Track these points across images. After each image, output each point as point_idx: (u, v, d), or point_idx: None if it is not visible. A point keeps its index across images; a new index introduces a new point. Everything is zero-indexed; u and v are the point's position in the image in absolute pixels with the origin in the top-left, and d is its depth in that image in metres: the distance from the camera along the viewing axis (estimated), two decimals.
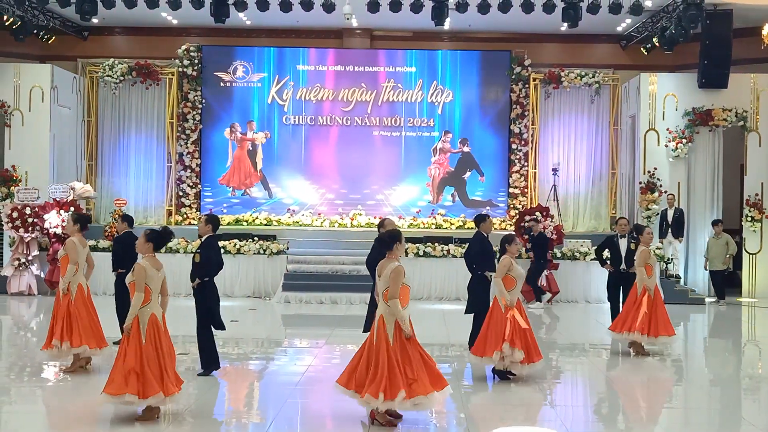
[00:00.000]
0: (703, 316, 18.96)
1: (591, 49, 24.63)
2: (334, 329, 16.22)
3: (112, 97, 24.27)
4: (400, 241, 9.30)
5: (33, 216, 19.74)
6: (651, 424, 10.17)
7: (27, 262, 19.93)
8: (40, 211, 19.82)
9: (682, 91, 21.84)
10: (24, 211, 19.75)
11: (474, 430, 9.55)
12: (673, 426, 10.15)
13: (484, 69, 24.40)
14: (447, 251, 20.25)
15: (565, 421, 9.76)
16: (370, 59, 24.54)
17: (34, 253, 20.05)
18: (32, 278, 20.01)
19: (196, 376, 11.52)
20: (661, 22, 21.35)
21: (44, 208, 19.89)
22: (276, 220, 23.84)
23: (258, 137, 24.37)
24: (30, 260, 19.97)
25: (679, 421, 10.39)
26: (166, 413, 9.54)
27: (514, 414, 10.21)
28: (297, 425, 9.86)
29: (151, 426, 9.05)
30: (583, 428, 9.91)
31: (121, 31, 24.58)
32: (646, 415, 10.50)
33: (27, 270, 19.93)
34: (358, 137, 24.40)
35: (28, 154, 21.50)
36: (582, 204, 24.29)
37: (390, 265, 9.11)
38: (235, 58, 24.42)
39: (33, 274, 20.00)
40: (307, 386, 11.62)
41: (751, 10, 20.78)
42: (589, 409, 10.96)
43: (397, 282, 8.95)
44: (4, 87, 21.50)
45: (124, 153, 24.36)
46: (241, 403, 11.23)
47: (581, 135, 24.34)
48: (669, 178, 21.65)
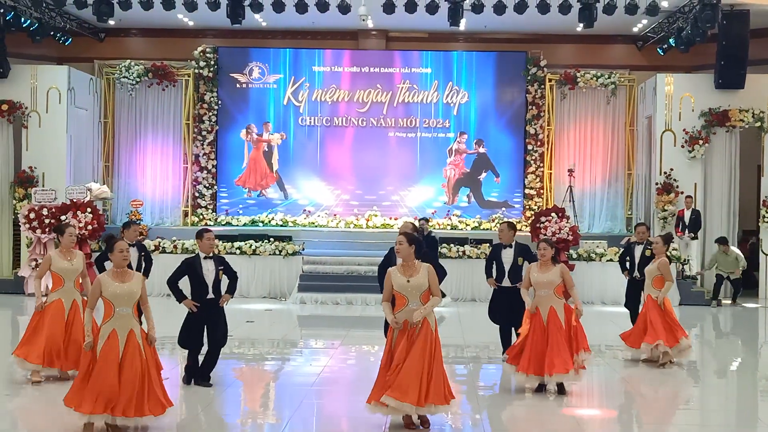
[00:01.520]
0: (722, 317, 18.89)
1: (607, 50, 24.57)
2: (349, 330, 16.24)
3: (128, 98, 24.35)
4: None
5: (50, 217, 19.78)
6: (667, 425, 10.14)
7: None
8: (57, 212, 19.87)
9: (699, 92, 21.75)
10: (41, 212, 19.81)
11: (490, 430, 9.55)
12: (690, 427, 10.11)
13: (499, 70, 24.37)
14: (462, 252, 20.24)
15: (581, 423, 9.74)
16: (386, 60, 24.55)
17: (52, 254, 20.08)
18: (49, 279, 19.98)
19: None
20: (678, 22, 21.28)
21: (61, 209, 19.95)
22: (292, 221, 23.88)
23: (274, 138, 24.42)
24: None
25: (696, 422, 10.35)
26: None
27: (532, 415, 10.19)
28: (312, 427, 9.87)
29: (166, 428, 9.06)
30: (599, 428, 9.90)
31: (137, 32, 24.67)
32: (662, 415, 10.45)
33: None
34: (373, 138, 24.42)
35: (45, 156, 21.58)
36: (598, 205, 24.22)
37: (425, 265, 9.04)
38: (251, 60, 24.47)
39: (50, 274, 20.01)
40: (323, 387, 11.63)
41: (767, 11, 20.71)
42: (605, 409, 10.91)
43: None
44: (21, 88, 21.59)
45: (141, 154, 24.43)
46: (257, 404, 11.25)
47: (597, 136, 24.27)
48: (685, 179, 21.58)
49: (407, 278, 8.84)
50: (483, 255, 20.03)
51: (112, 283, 8.70)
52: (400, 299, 8.88)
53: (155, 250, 19.95)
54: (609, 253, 20.04)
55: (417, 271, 8.86)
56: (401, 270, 8.92)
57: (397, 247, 9.00)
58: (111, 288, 8.66)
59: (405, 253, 8.92)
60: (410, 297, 8.82)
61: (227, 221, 23.98)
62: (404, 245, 8.93)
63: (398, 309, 8.88)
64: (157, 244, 20.27)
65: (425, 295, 8.86)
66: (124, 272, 8.88)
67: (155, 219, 23.93)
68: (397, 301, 8.91)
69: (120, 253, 8.81)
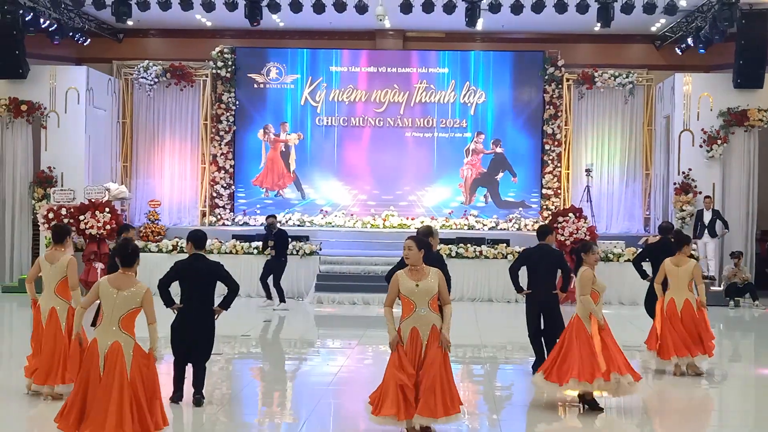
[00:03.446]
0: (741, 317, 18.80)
1: (625, 50, 24.49)
2: (366, 330, 16.25)
3: (146, 98, 24.43)
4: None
5: (69, 217, 19.86)
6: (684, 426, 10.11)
7: None
8: (75, 212, 19.96)
9: (717, 92, 21.67)
10: (60, 212, 19.89)
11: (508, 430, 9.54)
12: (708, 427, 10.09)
13: (516, 70, 24.33)
14: (479, 252, 20.20)
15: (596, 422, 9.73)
16: (403, 60, 24.54)
17: (71, 254, 20.16)
18: None
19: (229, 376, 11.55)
20: (696, 21, 21.21)
21: (80, 209, 20.04)
22: (309, 220, 23.90)
23: (291, 138, 24.45)
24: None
25: (715, 423, 10.33)
26: None
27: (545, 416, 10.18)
28: (330, 426, 9.89)
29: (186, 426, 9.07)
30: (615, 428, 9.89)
31: (155, 33, 24.75)
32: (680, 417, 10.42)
33: None
34: (390, 138, 24.42)
35: (64, 156, 21.68)
36: (615, 205, 24.14)
37: (435, 270, 8.84)
38: (269, 60, 24.51)
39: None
40: (340, 387, 11.65)
41: None
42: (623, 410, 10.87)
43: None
44: (40, 89, 21.69)
45: (159, 154, 24.50)
46: (274, 404, 11.25)
47: (615, 136, 24.20)
48: (703, 179, 21.50)
49: (416, 282, 8.61)
50: (500, 255, 20.02)
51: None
52: (407, 304, 8.66)
53: (173, 249, 20.03)
54: (627, 254, 19.95)
55: (426, 276, 8.64)
56: (409, 274, 8.68)
57: (406, 252, 8.70)
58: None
59: (414, 257, 8.67)
60: (418, 302, 8.60)
61: (245, 221, 24.02)
62: (413, 250, 8.66)
63: (406, 315, 8.66)
64: (174, 244, 20.31)
65: (434, 300, 8.65)
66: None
67: (173, 219, 23.99)
68: (405, 306, 8.69)
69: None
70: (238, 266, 19.62)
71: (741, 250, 20.98)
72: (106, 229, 19.42)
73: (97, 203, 20.10)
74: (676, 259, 12.09)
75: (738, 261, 20.43)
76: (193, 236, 10.20)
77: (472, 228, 23.48)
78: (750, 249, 21.59)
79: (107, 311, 8.02)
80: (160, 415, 8.07)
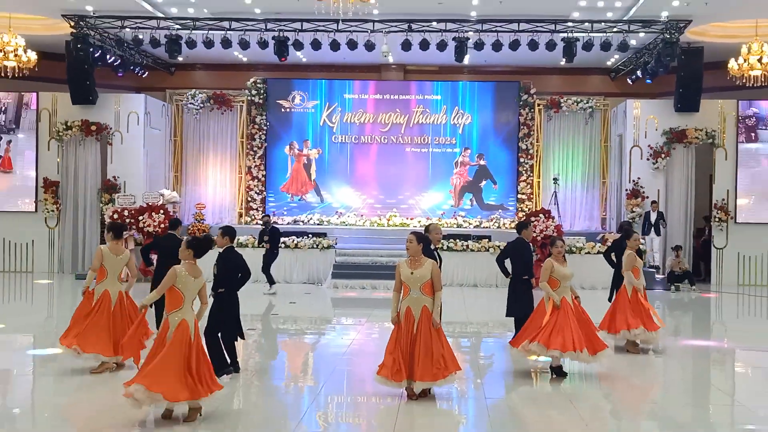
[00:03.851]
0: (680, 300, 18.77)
1: (585, 80, 24.48)
2: (373, 310, 16.24)
3: (193, 120, 24.46)
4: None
5: (130, 217, 19.92)
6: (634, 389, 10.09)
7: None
8: (135, 214, 20.01)
9: (661, 115, 21.64)
10: (123, 214, 19.94)
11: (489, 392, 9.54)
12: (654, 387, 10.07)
13: (497, 96, 24.30)
14: (466, 246, 20.20)
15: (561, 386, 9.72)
16: (404, 89, 24.53)
17: (131, 248, 20.24)
18: None
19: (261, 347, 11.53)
20: (644, 57, 21.19)
21: (139, 211, 20.08)
22: (326, 220, 23.90)
23: (312, 153, 24.44)
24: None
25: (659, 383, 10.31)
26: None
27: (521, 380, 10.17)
28: (343, 388, 9.89)
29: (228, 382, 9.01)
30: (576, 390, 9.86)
31: (201, 67, 24.77)
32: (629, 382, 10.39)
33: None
34: (393, 153, 24.39)
35: (126, 167, 21.72)
36: (578, 207, 24.11)
37: (430, 261, 8.82)
38: (294, 89, 24.50)
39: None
40: (352, 356, 11.65)
41: (718, 47, 20.62)
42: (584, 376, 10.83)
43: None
44: (107, 113, 21.74)
45: (203, 166, 24.52)
46: (298, 370, 11.29)
47: (577, 151, 24.18)
48: (650, 186, 21.48)
49: (412, 270, 8.67)
50: (483, 248, 20.01)
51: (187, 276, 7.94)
52: (405, 288, 8.74)
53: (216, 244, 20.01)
54: (587, 247, 19.95)
55: (421, 265, 8.68)
56: (409, 263, 8.76)
57: (407, 245, 8.76)
58: (186, 281, 7.91)
59: (413, 249, 8.73)
60: (413, 286, 8.65)
61: (274, 221, 24.01)
62: (413, 243, 8.73)
63: (404, 297, 8.72)
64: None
65: (426, 285, 8.64)
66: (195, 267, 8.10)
67: (215, 218, 24.02)
68: (404, 289, 8.76)
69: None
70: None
71: (681, 245, 20.98)
72: (161, 227, 19.46)
73: (153, 206, 20.15)
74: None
75: (678, 253, 20.43)
76: (230, 231, 9.89)
77: (460, 226, 23.46)
78: (688, 243, 21.56)
79: (187, 294, 7.84)
80: (213, 380, 7.95)
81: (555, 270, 9.92)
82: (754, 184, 21.42)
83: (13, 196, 21.79)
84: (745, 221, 21.35)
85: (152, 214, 19.89)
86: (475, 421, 8.45)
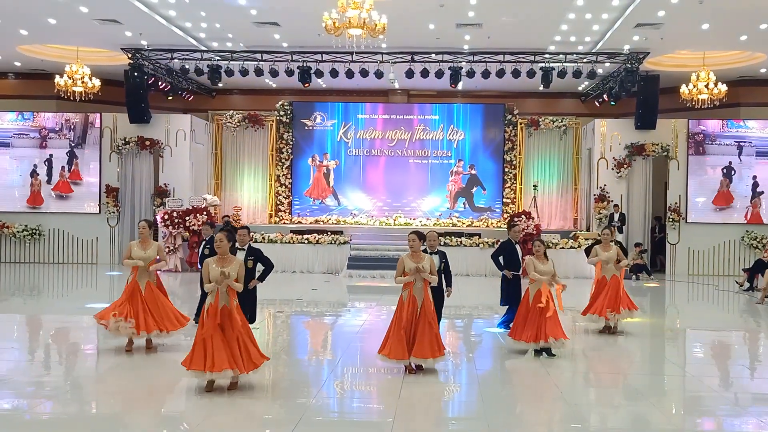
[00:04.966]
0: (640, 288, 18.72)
1: (560, 103, 24.45)
2: (382, 296, 16.24)
3: (231, 136, 24.50)
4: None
5: (178, 218, 19.99)
6: (608, 363, 10.05)
7: (174, 249, 20.20)
8: (183, 215, 20.07)
9: (624, 131, 21.60)
10: (172, 215, 20.01)
11: (479, 365, 9.53)
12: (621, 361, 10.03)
13: (486, 116, 24.28)
14: (460, 242, 20.20)
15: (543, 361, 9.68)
16: (407, 110, 24.52)
17: (179, 243, 20.31)
18: (178, 260, 20.28)
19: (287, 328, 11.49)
20: (609, 83, 21.17)
21: (185, 212, 20.13)
22: (343, 220, 23.92)
23: (331, 164, 24.46)
24: (176, 248, 20.23)
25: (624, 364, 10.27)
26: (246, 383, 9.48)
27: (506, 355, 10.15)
28: (358, 361, 9.91)
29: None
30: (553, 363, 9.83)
31: (237, 91, 24.82)
32: (603, 358, 10.35)
33: (174, 254, 20.19)
34: (398, 164, 24.39)
35: (175, 176, 21.77)
36: (554, 209, 24.09)
37: (428, 256, 8.83)
38: (315, 110, 24.52)
39: (178, 257, 20.26)
40: (365, 335, 11.64)
41: (672, 75, 20.61)
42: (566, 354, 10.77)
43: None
44: (158, 130, 21.80)
45: (240, 174, 24.55)
46: (319, 345, 11.30)
47: (553, 162, 24.15)
48: (614, 192, 21.43)
49: (415, 264, 8.62)
50: (474, 244, 19.99)
51: (214, 268, 7.76)
52: (409, 281, 8.64)
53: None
54: (561, 243, 19.92)
55: (422, 260, 8.68)
56: (411, 257, 8.72)
57: (410, 243, 8.75)
58: (213, 272, 7.72)
59: (416, 246, 8.75)
60: (416, 278, 8.61)
61: (299, 221, 24.08)
62: (416, 241, 8.75)
63: (409, 287, 8.64)
64: (250, 237, 20.30)
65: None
66: (225, 258, 7.92)
67: (249, 219, 24.06)
68: (408, 282, 8.64)
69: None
70: (294, 251, 19.65)
71: (641, 242, 20.93)
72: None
73: (197, 208, 20.19)
74: (603, 246, 11.83)
75: (638, 249, 20.37)
76: (234, 230, 9.44)
77: (454, 225, 23.45)
78: (647, 240, 21.51)
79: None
80: (259, 354, 7.85)
81: (535, 266, 9.86)
82: (702, 189, 21.36)
83: (80, 200, 21.87)
84: (695, 221, 21.30)
85: (196, 215, 19.95)
86: (467, 389, 8.45)
